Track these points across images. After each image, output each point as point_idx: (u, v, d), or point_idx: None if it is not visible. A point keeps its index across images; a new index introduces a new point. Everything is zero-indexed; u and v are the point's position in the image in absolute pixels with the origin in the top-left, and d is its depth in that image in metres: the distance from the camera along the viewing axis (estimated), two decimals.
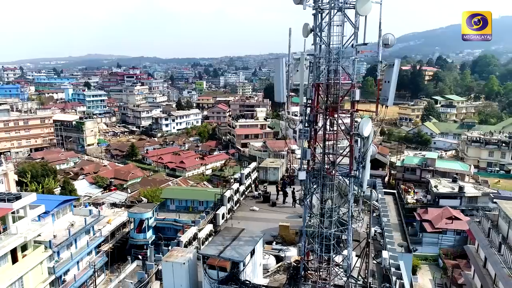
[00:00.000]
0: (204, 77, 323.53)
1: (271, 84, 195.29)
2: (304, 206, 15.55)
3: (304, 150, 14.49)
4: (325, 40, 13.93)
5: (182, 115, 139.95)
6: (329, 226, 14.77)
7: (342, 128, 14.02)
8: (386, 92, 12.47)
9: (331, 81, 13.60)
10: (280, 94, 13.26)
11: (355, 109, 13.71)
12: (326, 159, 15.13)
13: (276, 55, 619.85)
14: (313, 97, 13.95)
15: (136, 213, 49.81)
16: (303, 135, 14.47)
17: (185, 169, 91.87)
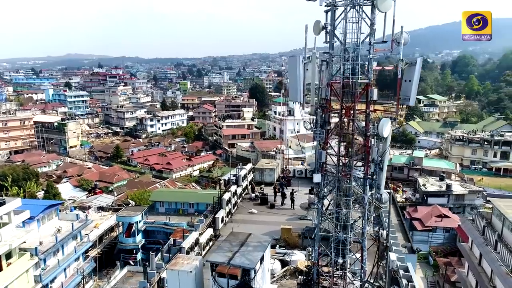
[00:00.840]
0: (188, 77, 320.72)
1: (256, 84, 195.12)
2: (318, 210, 15.04)
3: (319, 152, 13.95)
4: (340, 38, 13.44)
5: (167, 116, 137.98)
6: (344, 230, 14.30)
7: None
8: (407, 91, 12.06)
9: (347, 80, 13.10)
10: (297, 94, 12.70)
11: (373, 109, 13.25)
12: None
13: (259, 55, 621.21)
14: (329, 96, 13.44)
15: (125, 217, 48.41)
16: (318, 136, 13.94)
17: (172, 171, 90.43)
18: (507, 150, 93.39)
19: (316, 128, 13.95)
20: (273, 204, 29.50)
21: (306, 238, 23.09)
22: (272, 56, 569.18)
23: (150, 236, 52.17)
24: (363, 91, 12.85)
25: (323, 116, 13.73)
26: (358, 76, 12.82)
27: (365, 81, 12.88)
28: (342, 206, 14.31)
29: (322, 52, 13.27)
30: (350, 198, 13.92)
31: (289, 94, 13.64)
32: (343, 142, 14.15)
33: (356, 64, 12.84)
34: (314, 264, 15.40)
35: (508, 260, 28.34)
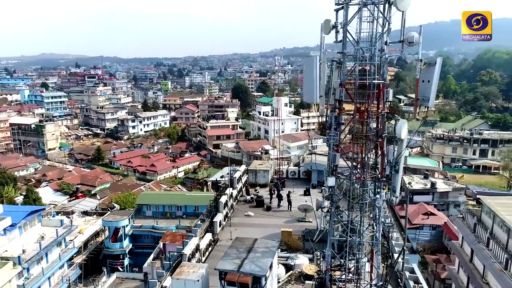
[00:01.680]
0: (168, 77, 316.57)
1: (239, 84, 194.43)
2: (331, 214, 14.66)
3: (333, 155, 13.58)
4: (353, 37, 13.10)
5: (150, 117, 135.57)
6: (357, 234, 13.99)
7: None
8: (425, 92, 11.84)
9: (362, 81, 12.77)
10: (313, 95, 12.27)
11: (388, 110, 12.98)
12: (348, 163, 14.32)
13: (240, 55, 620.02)
14: (343, 98, 13.07)
15: (112, 221, 47.04)
16: (332, 139, 13.56)
17: (157, 173, 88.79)
18: (486, 148, 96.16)
19: (329, 130, 13.56)
20: (270, 206, 29.05)
21: (307, 241, 22.74)
22: (253, 56, 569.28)
23: (137, 240, 50.90)
24: (379, 92, 12.55)
25: (337, 117, 13.35)
26: (375, 77, 12.49)
27: (380, 81, 12.59)
28: (355, 209, 14.00)
29: (337, 52, 12.90)
30: (365, 202, 13.62)
31: (304, 95, 13.21)
32: (356, 144, 13.83)
33: (371, 64, 12.53)
34: (326, 269, 15.05)
35: (501, 257, 28.83)
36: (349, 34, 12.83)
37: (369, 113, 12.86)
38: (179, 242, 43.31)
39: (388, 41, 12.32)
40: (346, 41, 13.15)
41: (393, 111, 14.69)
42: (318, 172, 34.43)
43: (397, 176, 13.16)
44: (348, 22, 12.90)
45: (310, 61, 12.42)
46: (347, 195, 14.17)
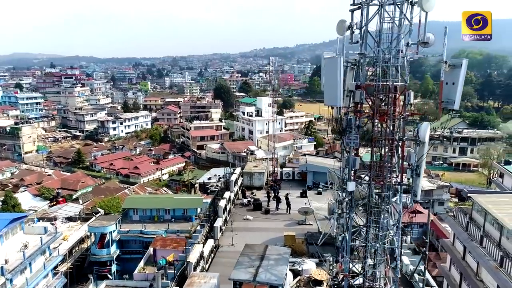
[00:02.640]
0: (148, 77, 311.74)
1: (221, 84, 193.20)
2: (349, 219, 14.29)
3: (353, 159, 13.22)
4: (374, 38, 12.78)
5: (131, 118, 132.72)
6: (378, 239, 13.70)
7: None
8: (449, 94, 11.62)
9: (383, 83, 12.47)
10: (337, 97, 11.84)
11: (410, 113, 12.72)
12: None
13: (220, 55, 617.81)
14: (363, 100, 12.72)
15: (98, 227, 45.43)
16: (352, 142, 13.19)
17: (140, 175, 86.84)
18: (465, 146, 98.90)
19: (349, 134, 13.18)
20: (268, 209, 28.55)
21: (311, 245, 22.40)
22: (233, 56, 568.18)
23: (125, 246, 49.40)
24: (400, 94, 12.28)
25: (357, 120, 13.00)
26: (398, 79, 12.20)
27: (402, 83, 12.31)
28: (374, 214, 13.70)
29: (358, 53, 12.54)
30: (388, 207, 13.34)
31: (326, 97, 12.78)
32: (375, 147, 13.52)
33: (392, 66, 12.23)
34: (344, 275, 14.68)
35: (495, 254, 29.30)
36: (371, 35, 12.48)
37: (390, 116, 12.57)
38: (170, 247, 42.49)
39: (409, 42, 12.04)
40: (365, 42, 12.80)
41: (414, 114, 14.52)
42: (313, 173, 34.20)
43: (418, 179, 12.94)
44: (367, 23, 12.57)
45: (332, 62, 11.97)
46: (363, 200, 13.87)
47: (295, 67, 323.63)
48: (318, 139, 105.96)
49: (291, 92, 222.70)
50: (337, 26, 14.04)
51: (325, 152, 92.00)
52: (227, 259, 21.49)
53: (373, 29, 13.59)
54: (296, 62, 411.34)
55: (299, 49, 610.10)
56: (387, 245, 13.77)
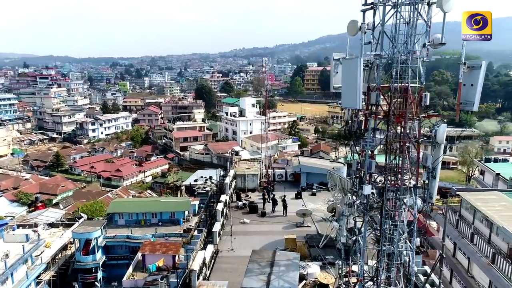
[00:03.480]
0: (126, 77, 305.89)
1: (202, 84, 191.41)
2: (365, 223, 14.04)
3: (369, 162, 12.97)
4: (390, 39, 12.55)
5: (111, 119, 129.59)
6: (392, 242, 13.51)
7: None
8: (468, 96, 11.53)
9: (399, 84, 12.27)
10: (356, 100, 11.54)
11: (426, 114, 12.57)
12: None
13: (199, 55, 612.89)
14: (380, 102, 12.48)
15: (83, 233, 43.89)
16: (368, 145, 12.94)
17: (123, 178, 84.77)
18: (444, 144, 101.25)
19: (367, 136, 12.94)
20: (264, 212, 28.12)
21: (312, 247, 22.12)
22: (213, 56, 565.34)
23: (110, 251, 47.99)
24: (418, 96, 12.11)
25: (374, 122, 12.76)
26: (416, 80, 12.02)
27: (417, 85, 12.15)
28: (388, 218, 13.50)
29: (374, 54, 12.28)
30: (401, 210, 13.17)
31: (343, 99, 12.47)
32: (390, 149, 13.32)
33: (408, 67, 12.04)
34: (358, 280, 14.44)
35: (487, 251, 29.92)
36: (387, 35, 12.24)
37: (406, 118, 12.39)
38: (159, 252, 41.45)
39: (427, 43, 11.88)
40: (381, 43, 12.55)
41: (430, 116, 14.42)
42: (307, 174, 34.02)
43: (434, 182, 12.83)
44: (384, 23, 12.32)
45: (352, 64, 11.67)
46: (377, 203, 13.65)
47: (276, 67, 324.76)
48: (302, 139, 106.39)
49: (273, 92, 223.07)
50: (348, 27, 13.76)
51: (310, 152, 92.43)
52: (228, 265, 20.96)
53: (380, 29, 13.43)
54: (276, 62, 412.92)
55: (279, 49, 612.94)
56: (403, 249, 13.61)
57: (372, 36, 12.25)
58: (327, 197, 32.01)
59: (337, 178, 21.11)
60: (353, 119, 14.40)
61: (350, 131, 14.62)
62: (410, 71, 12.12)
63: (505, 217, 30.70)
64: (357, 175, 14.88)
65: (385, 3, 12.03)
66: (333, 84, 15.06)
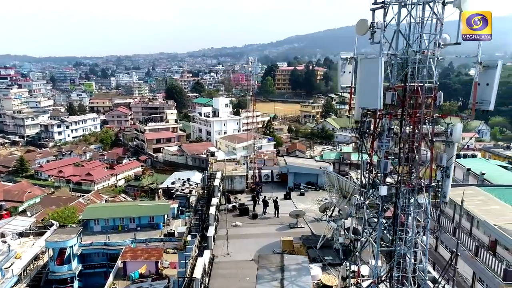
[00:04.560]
0: (91, 77, 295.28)
1: (173, 84, 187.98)
2: (379, 224, 13.91)
3: (384, 163, 12.82)
4: (392, 38, 12.49)
5: (78, 121, 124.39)
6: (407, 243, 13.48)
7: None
8: (483, 95, 11.62)
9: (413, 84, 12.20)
10: (377, 100, 11.31)
11: (440, 114, 12.59)
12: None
13: (167, 54, 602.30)
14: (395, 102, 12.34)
15: (58, 242, 41.65)
16: (384, 145, 12.78)
17: (94, 182, 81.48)
18: None
19: (382, 137, 12.78)
20: (256, 214, 27.66)
21: (310, 248, 21.91)
22: (181, 56, 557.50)
23: (87, 260, 46.01)
24: (432, 96, 12.08)
25: (388, 123, 12.62)
26: (433, 80, 11.99)
27: (431, 85, 12.14)
28: (404, 217, 13.46)
29: (391, 54, 12.12)
30: (415, 210, 13.15)
31: (361, 99, 12.22)
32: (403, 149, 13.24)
33: (424, 67, 12.00)
34: (373, 282, 14.31)
35: (469, 244, 30.97)
36: (402, 34, 12.13)
37: (421, 117, 12.35)
38: (142, 259, 40.02)
39: (440, 43, 11.88)
40: (396, 42, 12.46)
41: (445, 115, 14.46)
42: (294, 174, 33.88)
43: (448, 181, 12.90)
44: (399, 22, 12.23)
45: (372, 63, 11.44)
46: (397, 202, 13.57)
47: (246, 67, 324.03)
48: (277, 138, 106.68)
49: (244, 92, 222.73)
50: (358, 26, 13.58)
51: (286, 152, 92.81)
52: (226, 271, 20.33)
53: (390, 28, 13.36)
54: (245, 62, 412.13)
55: (248, 49, 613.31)
56: (418, 249, 13.62)
57: (382, 35, 12.13)
58: (315, 197, 32.02)
59: (335, 178, 21.02)
60: (362, 119, 14.23)
61: (360, 131, 14.44)
62: (425, 70, 12.05)
63: (484, 211, 31.96)
64: (366, 175, 14.72)
65: (400, 2, 11.92)
66: (341, 84, 14.85)
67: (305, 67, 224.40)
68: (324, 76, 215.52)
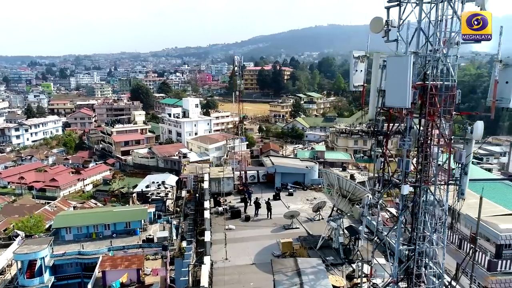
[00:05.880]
0: (49, 78, 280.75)
1: (139, 85, 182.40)
2: (399, 223, 13.79)
3: (407, 161, 12.71)
4: (407, 37, 12.44)
5: (38, 124, 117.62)
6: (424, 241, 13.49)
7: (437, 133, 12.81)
8: (503, 93, 11.75)
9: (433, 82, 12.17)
10: (406, 98, 11.11)
11: (459, 112, 12.65)
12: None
13: (129, 54, 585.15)
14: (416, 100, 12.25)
15: (28, 253, 38.94)
16: (406, 144, 12.66)
17: (59, 188, 77.26)
18: (380, 139, 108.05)
19: (407, 137, 12.65)
20: (248, 216, 27.09)
21: (311, 249, 21.68)
22: (144, 56, 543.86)
23: (59, 271, 43.37)
24: (451, 94, 12.12)
25: (411, 122, 12.54)
26: (451, 78, 12.00)
27: (453, 83, 12.16)
28: (423, 215, 13.45)
29: (413, 52, 11.99)
30: (434, 208, 13.16)
31: (388, 98, 11.98)
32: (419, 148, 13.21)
33: (443, 65, 12.02)
34: (392, 281, 14.19)
35: (453, 238, 32.10)
36: (424, 33, 12.08)
37: (441, 116, 12.36)
38: (122, 267, 38.17)
39: (460, 41, 11.94)
40: (417, 40, 12.39)
41: (463, 113, 14.57)
42: (281, 174, 33.62)
43: (466, 178, 13.02)
44: (421, 20, 12.17)
45: (401, 61, 11.23)
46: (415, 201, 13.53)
47: (212, 67, 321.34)
48: (249, 138, 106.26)
49: (211, 92, 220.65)
50: (372, 23, 13.41)
51: (260, 152, 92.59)
52: (227, 277, 19.62)
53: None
54: (210, 62, 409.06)
55: (212, 49, 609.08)
56: (438, 246, 13.67)
57: (398, 33, 12.04)
58: (304, 197, 31.96)
59: (335, 178, 20.90)
60: (377, 118, 14.10)
61: (374, 130, 14.30)
62: (445, 69, 12.07)
63: (465, 205, 33.26)
64: (380, 175, 14.61)
65: (422, 1, 11.85)
66: (353, 82, 14.65)
67: (272, 67, 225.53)
68: (291, 76, 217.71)
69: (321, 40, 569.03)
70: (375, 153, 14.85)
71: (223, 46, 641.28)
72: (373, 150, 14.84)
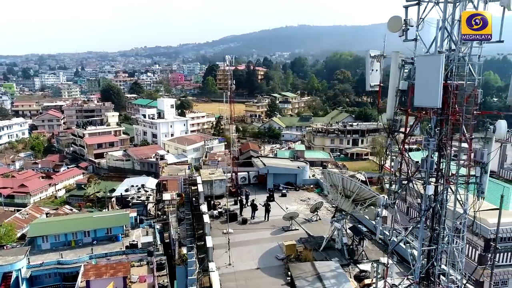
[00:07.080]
0: (10, 78, 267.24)
1: (110, 85, 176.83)
2: (421, 223, 13.66)
3: (431, 161, 12.59)
4: (422, 37, 12.39)
5: (2, 126, 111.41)
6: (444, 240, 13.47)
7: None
8: None
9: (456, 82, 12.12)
10: (437, 97, 10.93)
11: (480, 112, 12.65)
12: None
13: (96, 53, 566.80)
14: None
15: (3, 265, 36.76)
16: (431, 143, 12.53)
17: (29, 194, 73.35)
18: (356, 138, 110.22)
19: (431, 137, 12.52)
20: (246, 219, 26.50)
21: (315, 251, 21.40)
22: (112, 55, 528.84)
23: (36, 282, 41.17)
24: (473, 93, 12.12)
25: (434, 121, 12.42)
26: (475, 78, 11.98)
27: (471, 83, 12.17)
28: (444, 215, 13.41)
29: (442, 51, 11.86)
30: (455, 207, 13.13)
31: (418, 97, 11.76)
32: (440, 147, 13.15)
33: (466, 65, 11.99)
34: (414, 282, 14.06)
35: None
36: (448, 32, 11.99)
37: (463, 115, 12.34)
38: (107, 275, 36.47)
39: (483, 40, 11.93)
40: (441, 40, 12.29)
41: (484, 112, 14.62)
42: (273, 175, 33.24)
43: (486, 176, 13.08)
44: (445, 19, 12.08)
45: (432, 61, 11.03)
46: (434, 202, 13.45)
47: (184, 67, 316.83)
48: (228, 139, 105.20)
49: (185, 92, 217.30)
50: (390, 23, 13.26)
51: (239, 152, 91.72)
52: (233, 283, 18.97)
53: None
54: (182, 62, 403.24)
55: (183, 49, 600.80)
56: (460, 245, 13.66)
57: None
58: (297, 197, 31.71)
59: (340, 178, 20.70)
60: (394, 118, 13.96)
61: (391, 130, 14.15)
62: (467, 68, 12.05)
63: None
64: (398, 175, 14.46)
65: None
66: (370, 82, 14.42)
67: (246, 67, 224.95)
68: (265, 76, 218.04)
69: (292, 40, 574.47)
70: (391, 153, 14.68)
71: (194, 45, 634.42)
72: (390, 150, 14.67)
